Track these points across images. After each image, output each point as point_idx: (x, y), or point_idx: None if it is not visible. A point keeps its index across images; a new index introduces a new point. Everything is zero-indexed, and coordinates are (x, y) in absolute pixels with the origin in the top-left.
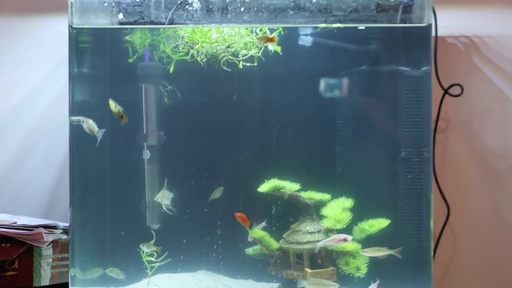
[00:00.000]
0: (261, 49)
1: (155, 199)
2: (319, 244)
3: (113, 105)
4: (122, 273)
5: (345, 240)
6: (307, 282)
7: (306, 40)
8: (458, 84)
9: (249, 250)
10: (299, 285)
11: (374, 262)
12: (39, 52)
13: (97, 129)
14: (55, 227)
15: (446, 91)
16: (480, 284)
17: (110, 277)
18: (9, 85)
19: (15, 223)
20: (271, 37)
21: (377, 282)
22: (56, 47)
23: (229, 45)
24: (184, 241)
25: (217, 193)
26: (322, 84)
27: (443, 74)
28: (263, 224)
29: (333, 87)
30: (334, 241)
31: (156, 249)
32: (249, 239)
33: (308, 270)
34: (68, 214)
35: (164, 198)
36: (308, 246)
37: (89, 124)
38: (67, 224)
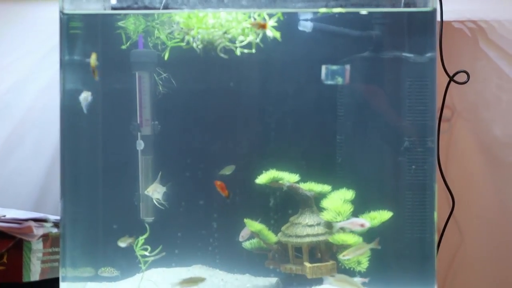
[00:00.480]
0: (259, 35)
1: (145, 192)
2: (338, 225)
3: (93, 59)
4: (115, 270)
5: (362, 225)
6: (333, 278)
7: (306, 25)
8: (464, 71)
9: (246, 244)
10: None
11: (375, 256)
12: (29, 39)
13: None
14: (45, 220)
15: (451, 78)
16: (486, 278)
17: (100, 268)
18: None
19: (4, 216)
20: (263, 23)
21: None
22: (46, 34)
23: (226, 31)
24: (179, 234)
25: (227, 170)
26: (323, 71)
27: (448, 60)
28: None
29: (334, 74)
30: (352, 224)
31: (131, 240)
32: (243, 237)
33: (308, 264)
34: (58, 206)
35: (156, 192)
36: (307, 239)
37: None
38: (58, 217)
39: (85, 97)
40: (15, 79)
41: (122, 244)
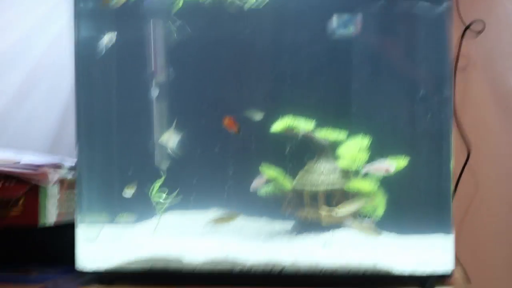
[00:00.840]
0: None
1: (159, 141)
2: (363, 171)
3: None
4: (132, 215)
5: (387, 170)
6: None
7: None
8: (480, 20)
9: (262, 191)
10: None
11: (392, 203)
12: None
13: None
14: (60, 166)
15: (467, 27)
16: (500, 226)
17: (118, 215)
18: (10, 21)
19: (19, 162)
20: None
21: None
22: None
23: None
24: (196, 180)
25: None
26: (338, 20)
27: (464, 8)
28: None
29: (349, 22)
30: (377, 169)
31: (133, 187)
32: (256, 184)
33: (323, 212)
34: (74, 149)
35: (170, 140)
36: (322, 187)
37: None
38: (73, 162)
39: (110, 39)
40: (29, 26)
41: (128, 194)
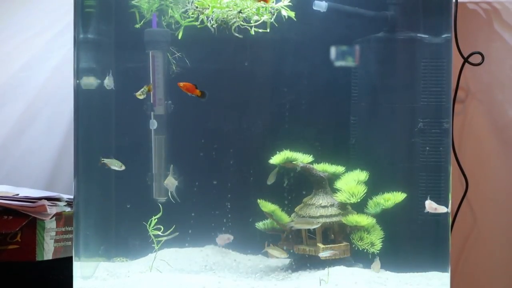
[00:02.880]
0: (274, 14)
1: (164, 183)
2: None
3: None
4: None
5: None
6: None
7: (321, 5)
8: (479, 52)
9: (260, 225)
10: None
11: (389, 238)
12: (42, 17)
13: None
14: (58, 199)
15: (466, 60)
16: (498, 261)
17: (115, 251)
18: (11, 51)
19: (17, 195)
20: None
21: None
22: (60, 12)
23: (240, 10)
24: (193, 214)
25: (271, 178)
26: (337, 51)
27: (463, 41)
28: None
29: (348, 54)
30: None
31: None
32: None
33: (321, 245)
34: (71, 186)
35: (169, 185)
36: (320, 220)
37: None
38: (71, 196)
39: (109, 82)
40: (28, 58)
41: (114, 166)
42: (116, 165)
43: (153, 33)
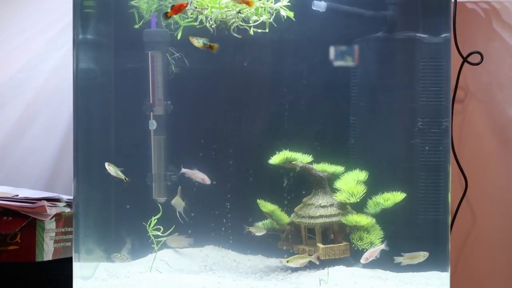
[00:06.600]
0: (272, 14)
1: (172, 203)
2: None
3: (195, 42)
4: (127, 257)
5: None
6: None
7: (320, 5)
8: (478, 52)
9: (259, 225)
10: None
11: (389, 237)
12: (42, 18)
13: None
14: (58, 200)
15: (465, 59)
16: (498, 260)
17: (115, 251)
18: (10, 52)
19: (17, 195)
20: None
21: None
22: (59, 13)
23: (239, 10)
24: (192, 215)
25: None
26: (337, 51)
27: (462, 41)
28: None
29: (347, 54)
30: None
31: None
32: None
33: (320, 245)
34: (70, 186)
35: (177, 204)
36: (320, 220)
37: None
38: (71, 197)
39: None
40: (28, 58)
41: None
42: (119, 175)
43: (152, 33)
